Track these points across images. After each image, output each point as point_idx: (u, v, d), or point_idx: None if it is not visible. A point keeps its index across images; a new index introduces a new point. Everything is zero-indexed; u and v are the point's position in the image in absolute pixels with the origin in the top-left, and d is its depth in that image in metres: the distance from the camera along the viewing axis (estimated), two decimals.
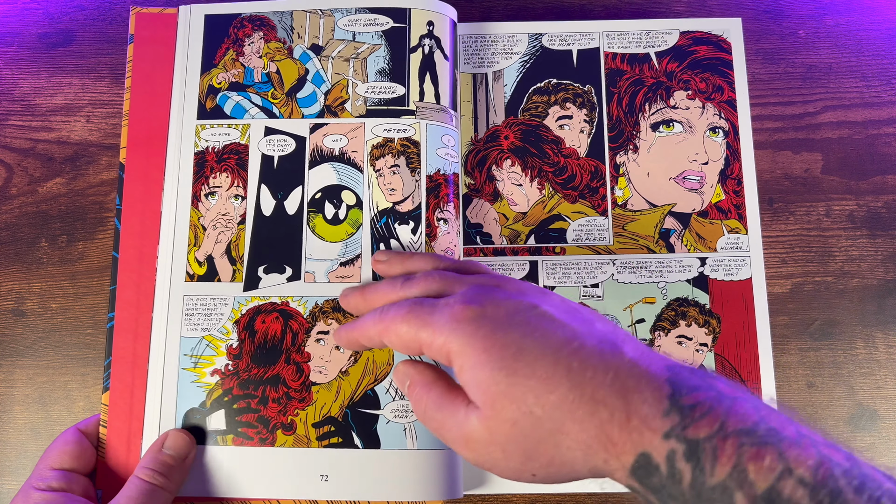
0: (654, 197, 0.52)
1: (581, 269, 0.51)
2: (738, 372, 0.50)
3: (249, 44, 0.52)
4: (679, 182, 0.52)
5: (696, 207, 0.52)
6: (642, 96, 0.54)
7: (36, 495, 0.42)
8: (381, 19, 0.51)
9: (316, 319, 0.48)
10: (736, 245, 0.52)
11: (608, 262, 0.51)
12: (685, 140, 0.53)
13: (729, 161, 0.53)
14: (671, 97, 0.54)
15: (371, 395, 0.47)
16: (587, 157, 0.53)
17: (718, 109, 0.53)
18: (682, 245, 0.52)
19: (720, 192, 0.52)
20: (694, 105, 0.53)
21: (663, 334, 0.51)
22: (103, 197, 0.56)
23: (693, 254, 0.51)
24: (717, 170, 0.53)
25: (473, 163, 0.53)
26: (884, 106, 0.56)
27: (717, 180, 0.53)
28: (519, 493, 0.50)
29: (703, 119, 0.53)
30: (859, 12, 0.58)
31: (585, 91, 0.54)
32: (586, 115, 0.53)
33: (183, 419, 0.47)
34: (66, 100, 0.57)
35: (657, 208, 0.52)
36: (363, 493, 0.45)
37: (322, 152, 0.50)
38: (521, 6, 0.59)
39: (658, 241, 0.52)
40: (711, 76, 0.54)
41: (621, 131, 0.53)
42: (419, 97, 0.50)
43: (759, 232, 0.52)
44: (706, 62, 0.54)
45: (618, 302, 0.51)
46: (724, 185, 0.52)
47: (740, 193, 0.52)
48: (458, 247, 0.50)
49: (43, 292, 0.54)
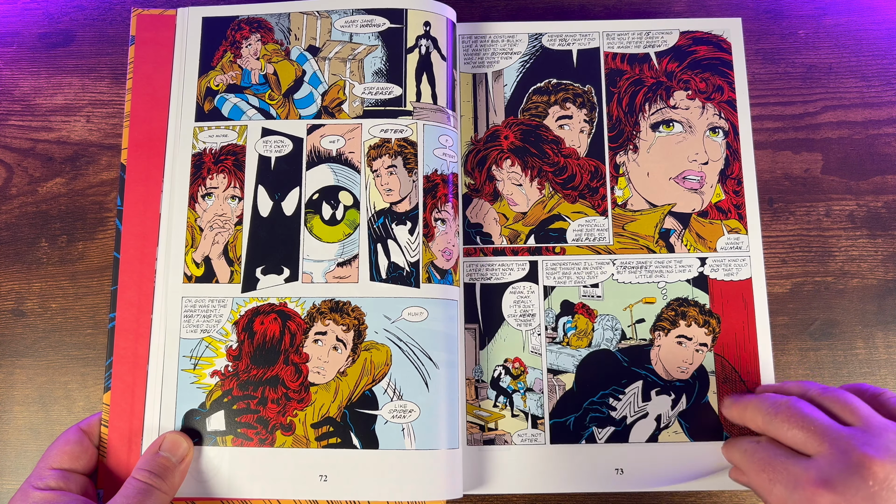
0: (654, 197, 0.52)
1: (581, 269, 0.51)
2: (738, 372, 0.50)
3: (247, 46, 0.52)
4: (679, 182, 0.52)
5: (695, 207, 0.52)
6: (642, 96, 0.53)
7: (35, 494, 0.42)
8: (377, 20, 0.51)
9: (314, 320, 0.48)
10: (736, 245, 0.51)
11: (608, 262, 0.51)
12: (685, 140, 0.53)
13: (729, 161, 0.53)
14: (671, 97, 0.53)
15: (369, 396, 0.47)
16: (587, 157, 0.53)
17: (718, 109, 0.53)
18: (681, 245, 0.51)
19: (720, 192, 0.52)
20: (694, 105, 0.53)
21: (663, 334, 0.50)
22: (103, 197, 0.56)
23: (693, 254, 0.51)
24: (717, 170, 0.52)
25: (473, 163, 0.53)
26: (884, 106, 0.56)
27: (717, 180, 0.52)
28: (519, 493, 0.51)
29: (703, 119, 0.53)
30: (859, 12, 0.58)
31: (585, 91, 0.54)
32: (586, 115, 0.53)
33: (182, 420, 0.47)
34: (66, 100, 0.57)
35: (657, 208, 0.52)
36: (362, 493, 0.45)
37: (319, 153, 0.50)
38: (520, 6, 0.59)
39: (658, 241, 0.52)
40: (711, 76, 0.54)
41: (621, 131, 0.53)
42: (416, 98, 0.50)
43: (760, 232, 0.52)
44: (706, 62, 0.54)
45: (618, 302, 0.51)
46: (724, 185, 0.52)
47: (740, 193, 0.52)
48: (456, 247, 0.50)
49: (43, 292, 0.55)
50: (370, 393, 0.47)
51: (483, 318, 0.51)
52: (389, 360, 0.47)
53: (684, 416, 0.49)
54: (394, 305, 0.48)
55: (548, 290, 0.51)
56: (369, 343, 0.47)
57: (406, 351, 0.47)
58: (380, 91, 0.51)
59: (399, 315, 0.48)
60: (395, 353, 0.47)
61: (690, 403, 0.50)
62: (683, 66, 0.54)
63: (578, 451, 0.49)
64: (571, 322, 0.51)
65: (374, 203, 0.49)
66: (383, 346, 0.47)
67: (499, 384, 0.50)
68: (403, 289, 0.48)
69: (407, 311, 0.48)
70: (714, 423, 0.49)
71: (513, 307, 0.51)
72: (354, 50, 0.51)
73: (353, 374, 0.47)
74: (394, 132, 0.50)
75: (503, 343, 0.50)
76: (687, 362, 0.50)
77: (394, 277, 0.48)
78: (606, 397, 0.50)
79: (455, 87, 0.52)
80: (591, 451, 0.49)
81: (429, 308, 0.48)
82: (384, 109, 0.50)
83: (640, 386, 0.50)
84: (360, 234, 0.49)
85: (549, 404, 0.49)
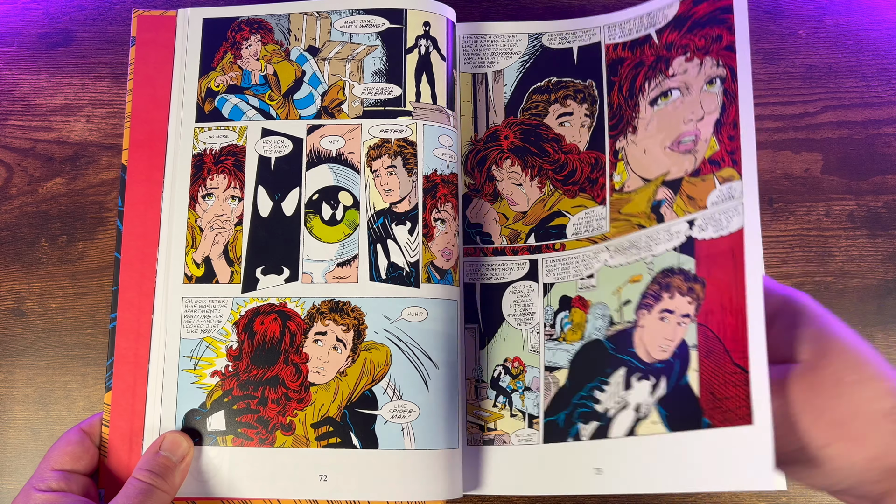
0: (649, 171, 0.49)
1: (579, 262, 0.50)
2: (723, 342, 0.43)
3: (247, 46, 0.52)
4: (674, 149, 0.49)
5: (688, 169, 0.48)
6: (643, 76, 0.51)
7: (37, 496, 0.42)
8: (377, 20, 0.51)
9: (313, 320, 0.48)
10: (729, 195, 0.45)
11: (602, 249, 0.50)
12: (682, 104, 0.49)
13: (725, 107, 0.47)
14: (670, 67, 0.50)
15: (369, 396, 0.47)
16: (588, 150, 0.52)
17: (716, 59, 0.48)
18: (672, 213, 0.48)
19: (714, 143, 0.47)
20: (692, 65, 0.49)
21: (647, 312, 0.47)
22: (103, 197, 0.56)
23: (682, 217, 0.47)
24: (712, 121, 0.48)
25: (473, 163, 0.53)
26: (884, 106, 0.56)
27: (711, 132, 0.47)
28: (518, 494, 0.51)
29: (701, 75, 0.49)
30: (859, 12, 0.58)
31: (586, 86, 0.53)
32: (587, 110, 0.52)
33: (183, 420, 0.47)
34: (66, 100, 0.58)
35: (650, 182, 0.49)
36: (362, 493, 0.46)
37: (319, 153, 0.50)
38: (520, 6, 0.59)
39: (650, 216, 0.48)
40: (710, 28, 0.49)
41: (622, 117, 0.51)
42: (416, 98, 0.50)
43: (755, 174, 0.45)
44: (706, 18, 0.49)
45: (608, 287, 0.49)
46: (719, 135, 0.47)
47: (735, 138, 0.46)
48: (456, 247, 0.50)
49: (43, 292, 0.55)
50: (370, 393, 0.47)
51: (483, 318, 0.51)
52: (389, 360, 0.47)
53: (663, 403, 0.45)
54: (393, 305, 0.48)
55: (547, 287, 0.51)
56: (369, 343, 0.48)
57: (406, 351, 0.47)
58: (379, 91, 0.51)
59: (399, 315, 0.48)
60: (394, 353, 0.47)
61: (670, 387, 0.45)
62: (683, 32, 0.50)
63: (564, 450, 0.48)
64: (568, 317, 0.50)
65: (374, 203, 0.49)
66: (383, 346, 0.47)
67: (498, 384, 0.50)
68: (403, 289, 0.48)
69: (407, 311, 0.48)
70: (694, 409, 0.44)
71: (513, 307, 0.51)
72: (354, 50, 0.51)
73: (353, 374, 0.47)
74: (393, 132, 0.50)
75: (503, 343, 0.50)
76: (668, 339, 0.46)
77: (393, 278, 0.48)
78: (593, 390, 0.48)
79: (455, 88, 0.52)
80: (574, 449, 0.47)
81: (428, 308, 0.48)
82: (384, 109, 0.50)
83: (623, 374, 0.47)
84: (360, 234, 0.49)
85: (544, 402, 0.49)
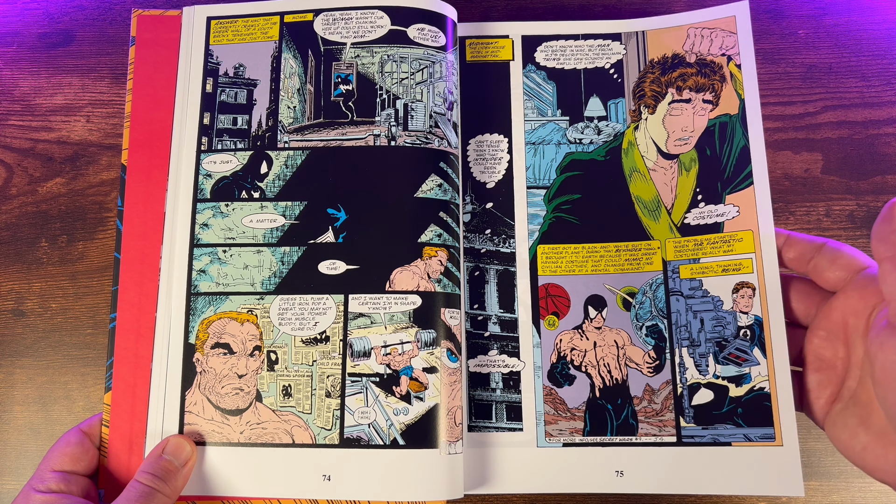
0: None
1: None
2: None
3: None
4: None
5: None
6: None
7: (36, 497, 0.42)
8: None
9: None
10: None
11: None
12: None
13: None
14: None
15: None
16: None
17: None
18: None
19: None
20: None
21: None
22: (103, 197, 0.56)
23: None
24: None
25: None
26: (884, 106, 0.56)
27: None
28: (519, 494, 0.51)
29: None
30: (859, 12, 0.58)
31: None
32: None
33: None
34: (66, 100, 0.57)
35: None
36: (363, 492, 0.45)
37: None
38: (521, 6, 0.59)
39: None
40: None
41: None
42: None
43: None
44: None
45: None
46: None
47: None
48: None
49: (43, 292, 0.54)
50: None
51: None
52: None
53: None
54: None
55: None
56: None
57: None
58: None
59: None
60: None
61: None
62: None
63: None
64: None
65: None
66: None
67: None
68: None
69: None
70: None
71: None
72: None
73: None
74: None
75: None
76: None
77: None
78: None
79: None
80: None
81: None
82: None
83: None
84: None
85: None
